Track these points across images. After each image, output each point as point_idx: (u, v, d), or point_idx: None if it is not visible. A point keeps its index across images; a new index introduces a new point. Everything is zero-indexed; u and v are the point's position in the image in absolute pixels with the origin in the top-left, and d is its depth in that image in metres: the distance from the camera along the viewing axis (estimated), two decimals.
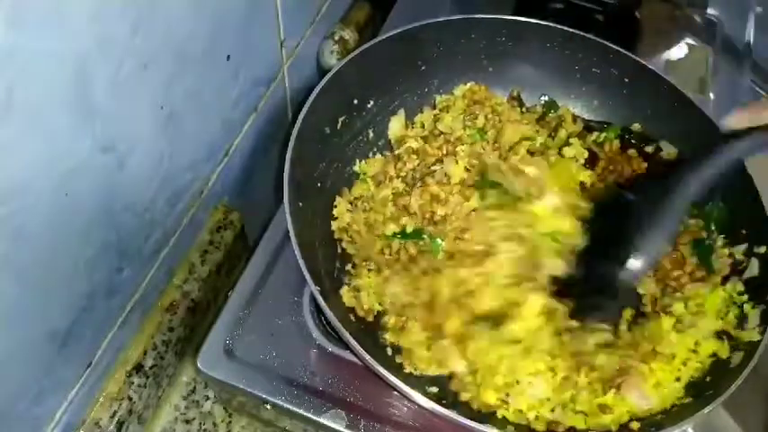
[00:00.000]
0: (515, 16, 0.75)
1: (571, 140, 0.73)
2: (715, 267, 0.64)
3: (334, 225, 0.66)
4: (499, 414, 0.56)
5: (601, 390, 0.57)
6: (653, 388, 0.57)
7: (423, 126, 0.74)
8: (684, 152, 0.71)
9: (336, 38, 0.82)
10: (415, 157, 0.70)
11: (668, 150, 0.72)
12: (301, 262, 0.54)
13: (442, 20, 0.72)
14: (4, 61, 0.35)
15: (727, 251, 0.64)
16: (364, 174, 0.70)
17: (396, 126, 0.74)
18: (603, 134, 0.74)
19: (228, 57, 0.60)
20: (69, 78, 0.40)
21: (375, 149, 0.73)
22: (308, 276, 0.53)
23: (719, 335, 0.60)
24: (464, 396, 0.56)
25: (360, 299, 0.61)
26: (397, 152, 0.72)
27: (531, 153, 0.72)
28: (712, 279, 0.63)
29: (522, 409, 0.56)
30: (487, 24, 0.74)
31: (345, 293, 0.62)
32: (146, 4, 0.45)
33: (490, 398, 0.56)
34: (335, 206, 0.67)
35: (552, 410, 0.56)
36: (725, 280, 0.63)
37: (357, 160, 0.71)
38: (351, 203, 0.68)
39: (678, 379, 0.58)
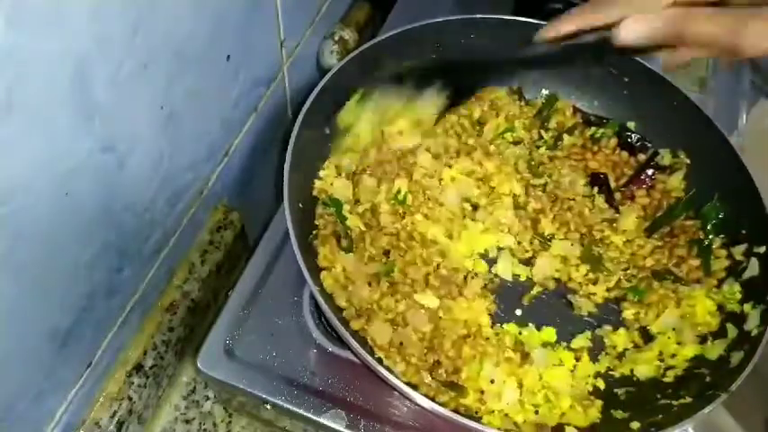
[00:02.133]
0: (515, 16, 0.75)
1: (564, 135, 0.74)
2: (711, 269, 0.64)
3: (317, 184, 0.66)
4: (486, 420, 0.55)
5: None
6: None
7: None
8: (681, 160, 0.71)
9: (336, 38, 0.82)
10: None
11: (666, 157, 0.72)
12: (301, 262, 0.54)
13: (441, 20, 0.72)
14: (4, 61, 0.35)
15: (724, 252, 0.64)
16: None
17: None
18: (602, 130, 0.74)
19: (228, 57, 0.60)
20: (69, 78, 0.40)
21: None
22: (307, 276, 0.53)
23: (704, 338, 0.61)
24: (441, 398, 0.56)
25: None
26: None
27: (515, 143, 0.73)
28: (708, 282, 0.63)
29: (509, 413, 0.56)
30: (487, 24, 0.73)
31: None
32: (146, 4, 0.45)
33: (471, 400, 0.56)
34: (323, 168, 0.67)
35: (536, 413, 0.57)
36: (720, 283, 0.63)
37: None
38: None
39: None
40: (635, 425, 0.55)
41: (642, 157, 0.73)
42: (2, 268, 0.41)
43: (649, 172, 0.71)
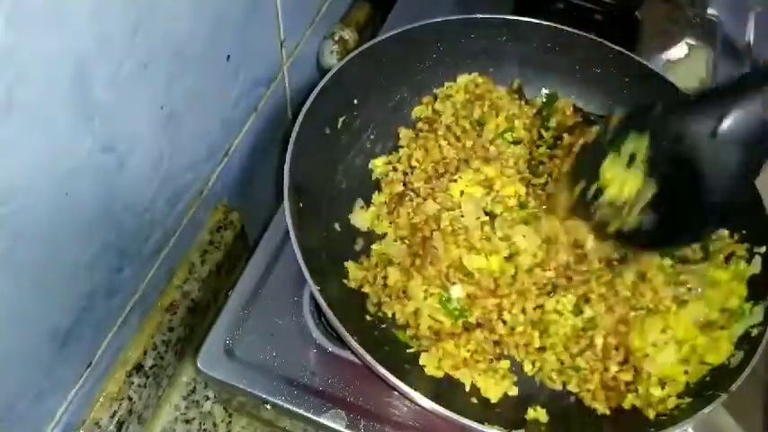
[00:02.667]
0: (515, 16, 0.75)
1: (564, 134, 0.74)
2: (716, 248, 0.64)
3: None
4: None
5: None
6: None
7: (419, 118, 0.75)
8: None
9: (336, 38, 0.82)
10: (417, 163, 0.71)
11: None
12: (302, 262, 0.54)
13: (441, 20, 0.72)
14: (4, 61, 0.35)
15: (727, 233, 0.64)
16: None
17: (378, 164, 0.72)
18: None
19: (228, 57, 0.60)
20: (69, 78, 0.40)
21: (376, 149, 0.73)
22: (308, 276, 0.53)
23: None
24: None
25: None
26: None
27: (515, 143, 0.73)
28: (715, 258, 0.64)
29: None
30: (487, 24, 0.74)
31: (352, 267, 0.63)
32: (146, 4, 0.45)
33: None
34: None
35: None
36: (727, 259, 0.64)
37: (358, 160, 0.71)
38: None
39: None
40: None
41: None
42: (2, 268, 0.41)
43: None
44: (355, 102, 0.70)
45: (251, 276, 0.65)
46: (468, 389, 0.58)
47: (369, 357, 0.51)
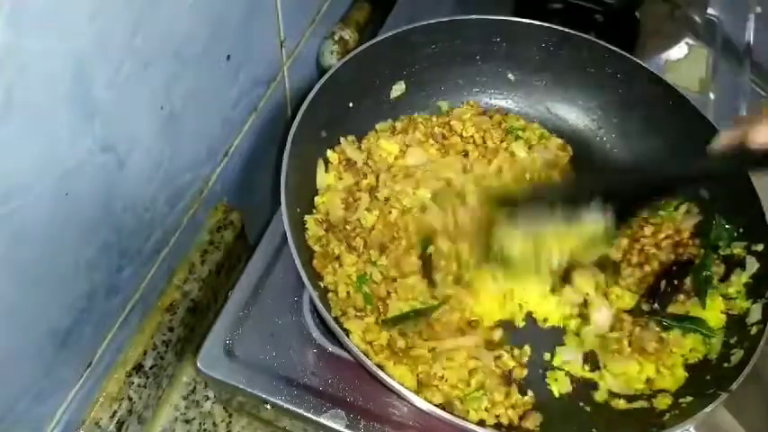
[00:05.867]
0: (512, 17, 0.75)
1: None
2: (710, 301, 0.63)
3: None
4: None
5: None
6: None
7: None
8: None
9: (336, 38, 0.82)
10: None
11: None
12: (300, 267, 0.54)
13: (435, 21, 0.72)
14: (4, 61, 0.35)
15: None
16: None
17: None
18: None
19: (228, 57, 0.60)
20: (69, 78, 0.40)
21: None
22: (306, 281, 0.53)
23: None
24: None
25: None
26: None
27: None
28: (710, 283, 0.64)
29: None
30: (483, 25, 0.74)
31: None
32: (146, 4, 0.45)
33: None
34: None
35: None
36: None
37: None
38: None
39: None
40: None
41: None
42: (2, 268, 0.41)
43: None
44: (351, 105, 0.70)
45: (251, 276, 0.65)
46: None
47: (368, 361, 0.51)
